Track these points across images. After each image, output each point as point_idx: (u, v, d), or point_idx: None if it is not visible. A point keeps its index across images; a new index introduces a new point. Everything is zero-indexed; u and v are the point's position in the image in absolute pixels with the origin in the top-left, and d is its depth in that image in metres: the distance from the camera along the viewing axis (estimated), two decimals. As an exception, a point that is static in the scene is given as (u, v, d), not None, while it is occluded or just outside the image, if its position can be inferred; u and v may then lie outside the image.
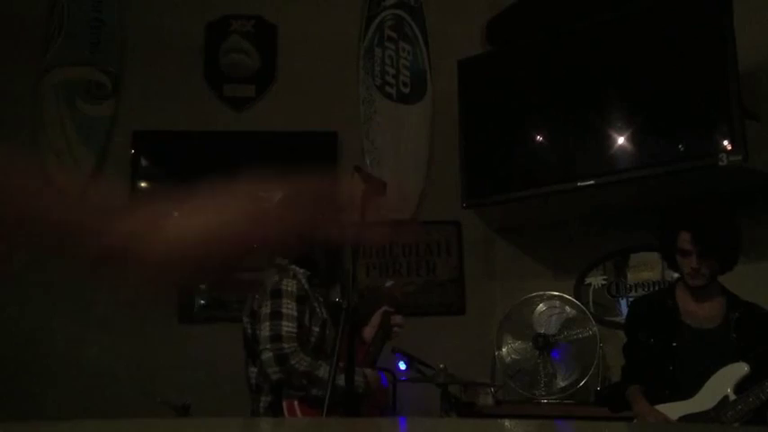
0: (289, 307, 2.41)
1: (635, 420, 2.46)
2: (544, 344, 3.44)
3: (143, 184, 3.99)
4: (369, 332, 2.72)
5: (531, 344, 3.48)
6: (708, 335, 2.51)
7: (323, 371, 2.36)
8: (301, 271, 2.51)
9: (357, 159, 3.90)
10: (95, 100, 3.99)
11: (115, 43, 4.06)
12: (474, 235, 4.08)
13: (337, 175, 3.91)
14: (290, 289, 2.44)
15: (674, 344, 2.51)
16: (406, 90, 4.18)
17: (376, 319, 2.73)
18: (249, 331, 2.50)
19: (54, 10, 4.03)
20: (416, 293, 4.02)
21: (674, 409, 2.44)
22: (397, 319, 2.71)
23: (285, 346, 2.35)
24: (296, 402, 2.40)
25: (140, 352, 3.69)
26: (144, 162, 4.00)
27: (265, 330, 2.38)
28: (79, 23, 4.03)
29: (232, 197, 0.44)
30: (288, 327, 2.38)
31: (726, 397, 2.38)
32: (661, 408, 2.45)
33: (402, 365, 3.20)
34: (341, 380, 2.22)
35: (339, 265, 2.65)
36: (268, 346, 2.36)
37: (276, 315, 2.39)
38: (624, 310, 3.54)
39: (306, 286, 2.50)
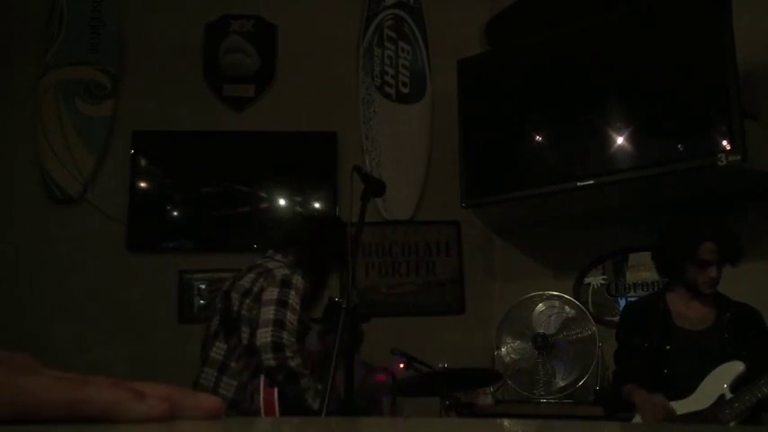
0: (295, 301, 2.38)
1: (637, 411, 2.45)
2: (543, 343, 3.44)
3: (143, 184, 4.00)
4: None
5: (530, 344, 3.48)
6: (701, 336, 2.52)
7: (306, 382, 2.32)
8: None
9: (356, 159, 3.89)
10: (95, 100, 3.99)
11: (115, 43, 4.07)
12: (474, 235, 4.08)
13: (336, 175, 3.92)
14: (299, 285, 2.42)
15: (668, 347, 2.52)
16: (406, 90, 4.18)
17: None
18: (235, 308, 2.42)
19: (54, 10, 4.03)
20: (416, 293, 4.02)
21: (671, 409, 2.44)
22: None
23: (285, 335, 2.30)
24: (276, 393, 2.30)
25: (140, 352, 3.69)
26: (143, 162, 4.01)
27: (269, 313, 2.32)
28: (79, 23, 4.04)
29: None
30: (291, 318, 2.34)
31: (722, 396, 2.38)
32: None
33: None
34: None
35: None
36: (270, 329, 2.29)
37: (283, 303, 2.35)
38: (623, 309, 3.55)
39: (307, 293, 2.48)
